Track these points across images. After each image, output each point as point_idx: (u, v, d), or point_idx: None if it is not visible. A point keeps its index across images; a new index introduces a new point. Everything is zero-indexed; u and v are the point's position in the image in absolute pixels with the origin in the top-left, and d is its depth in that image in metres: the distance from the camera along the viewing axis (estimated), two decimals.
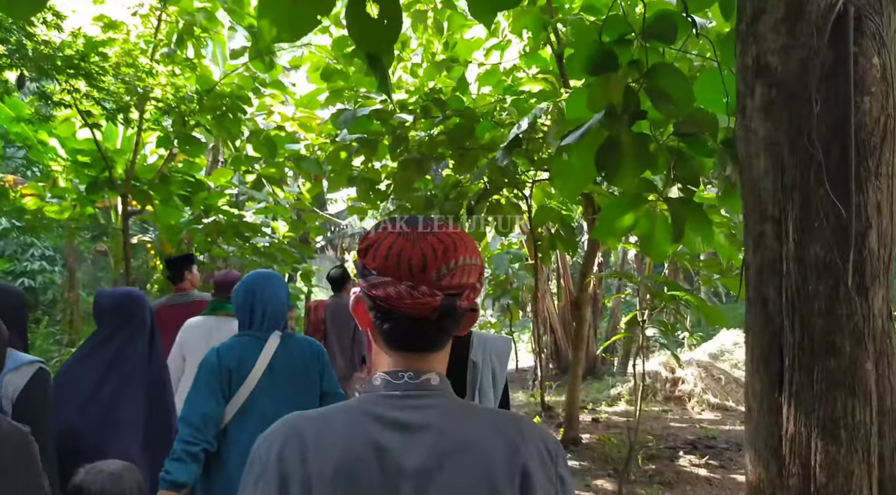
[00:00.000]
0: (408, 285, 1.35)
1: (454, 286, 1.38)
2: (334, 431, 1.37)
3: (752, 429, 3.46)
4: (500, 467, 1.35)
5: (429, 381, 1.43)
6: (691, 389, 13.60)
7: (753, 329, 3.42)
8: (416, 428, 1.37)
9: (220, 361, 3.37)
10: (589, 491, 7.51)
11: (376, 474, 1.33)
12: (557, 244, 10.86)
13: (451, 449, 1.35)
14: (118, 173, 8.31)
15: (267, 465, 1.35)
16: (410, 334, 1.41)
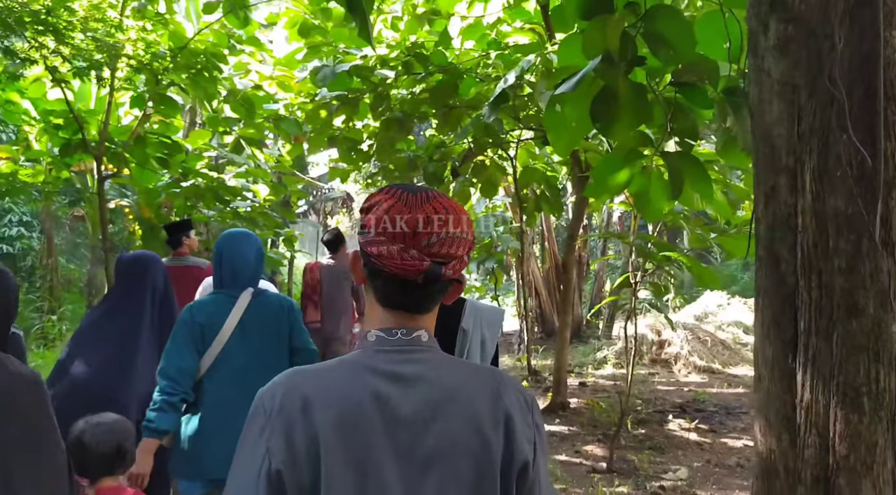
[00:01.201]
0: (399, 247, 1.46)
1: (442, 254, 1.49)
2: (335, 382, 1.46)
3: (762, 398, 3.22)
4: (486, 414, 1.48)
5: (419, 338, 1.54)
6: (677, 352, 13.47)
7: (764, 290, 3.18)
8: (410, 380, 1.47)
9: (193, 318, 3.54)
10: (579, 456, 7.33)
11: (377, 420, 1.42)
12: (543, 206, 10.67)
13: (442, 398, 1.47)
14: (92, 135, 7.96)
15: (271, 416, 1.42)
16: (398, 293, 1.52)
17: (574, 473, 6.71)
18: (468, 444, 1.45)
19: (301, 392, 1.44)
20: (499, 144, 9.57)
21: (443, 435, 1.44)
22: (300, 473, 1.38)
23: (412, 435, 1.43)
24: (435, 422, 1.45)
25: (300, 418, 1.40)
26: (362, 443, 1.41)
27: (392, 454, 1.42)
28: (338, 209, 25.41)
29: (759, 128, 3.16)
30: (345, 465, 1.39)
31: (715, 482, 6.51)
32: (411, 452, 1.43)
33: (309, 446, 1.39)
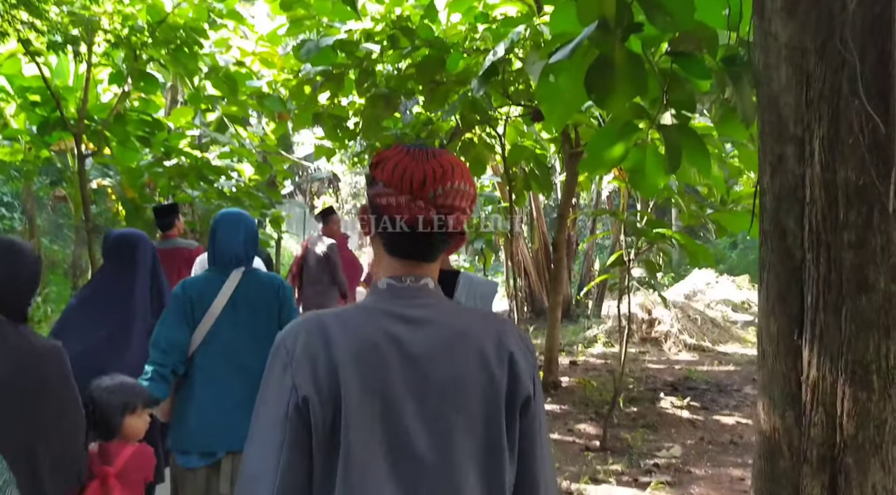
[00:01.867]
0: (407, 198, 1.55)
1: (447, 206, 1.57)
2: (352, 324, 1.55)
3: (766, 375, 3.12)
4: (491, 352, 1.57)
5: (426, 285, 1.63)
6: (667, 330, 13.41)
7: (770, 264, 3.07)
8: (420, 322, 1.57)
9: (185, 293, 3.62)
10: (572, 435, 7.25)
11: (391, 358, 1.51)
12: (532, 184, 10.56)
13: (451, 337, 1.57)
14: (70, 112, 7.77)
15: (294, 354, 1.50)
16: (405, 242, 1.61)
17: (567, 451, 6.63)
18: (476, 378, 1.54)
19: (322, 332, 1.52)
20: (487, 121, 9.42)
21: (452, 370, 1.53)
22: (325, 405, 1.46)
23: (424, 370, 1.52)
24: (445, 359, 1.54)
25: (322, 354, 1.49)
26: (378, 378, 1.50)
27: (406, 388, 1.51)
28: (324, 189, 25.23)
29: (765, 95, 3.03)
30: (362, 398, 1.48)
31: (709, 459, 6.44)
32: (424, 386, 1.52)
33: (331, 381, 1.47)
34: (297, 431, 1.47)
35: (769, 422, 3.07)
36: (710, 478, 5.96)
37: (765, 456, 3.11)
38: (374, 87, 8.31)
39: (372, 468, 1.47)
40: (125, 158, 8.74)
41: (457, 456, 1.51)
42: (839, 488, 2.71)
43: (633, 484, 5.77)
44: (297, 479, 1.47)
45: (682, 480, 5.89)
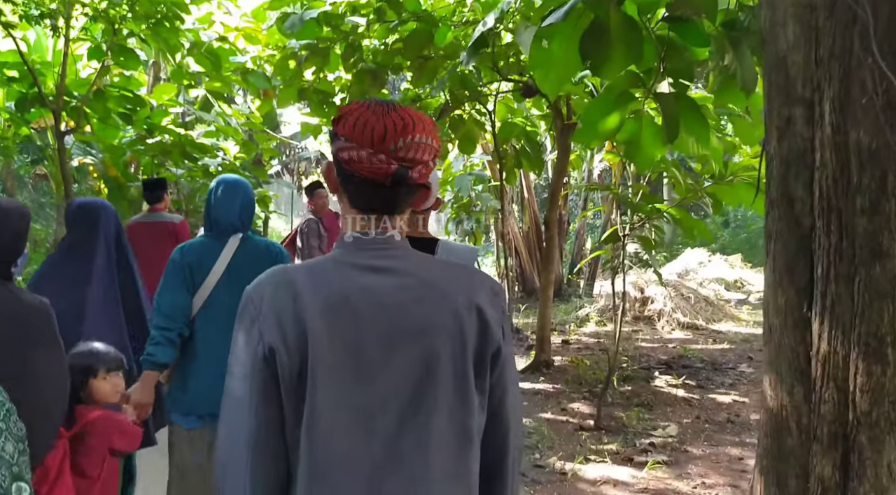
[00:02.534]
0: (368, 152, 1.54)
1: (408, 159, 1.56)
2: (320, 276, 1.57)
3: (773, 349, 2.98)
4: (461, 301, 1.58)
5: (392, 238, 1.64)
6: (661, 309, 13.30)
7: (777, 233, 2.92)
8: (389, 272, 1.58)
9: (183, 258, 3.63)
10: (565, 414, 7.12)
11: (360, 307, 1.53)
12: (523, 162, 10.41)
13: (420, 286, 1.58)
14: (49, 88, 7.57)
15: (261, 307, 1.52)
16: (369, 196, 1.62)
17: (561, 431, 6.51)
18: (446, 327, 1.55)
19: (289, 284, 1.54)
20: (476, 98, 9.25)
21: (422, 318, 1.54)
22: (291, 356, 1.48)
23: (393, 318, 1.53)
24: (415, 307, 1.55)
25: (290, 306, 1.50)
26: (347, 327, 1.51)
27: (374, 335, 1.52)
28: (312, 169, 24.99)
29: (772, 54, 2.89)
30: (330, 348, 1.49)
31: (706, 438, 6.32)
32: (393, 334, 1.53)
33: (298, 331, 1.49)
34: (265, 382, 1.49)
35: (776, 399, 2.94)
36: (708, 458, 5.84)
37: (771, 434, 2.98)
38: (360, 62, 8.12)
39: (338, 416, 1.50)
40: (106, 136, 8.56)
41: (425, 403, 1.53)
42: (852, 467, 2.57)
43: (629, 464, 5.65)
44: (270, 429, 1.51)
45: (679, 459, 5.77)
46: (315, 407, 1.48)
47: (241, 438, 1.50)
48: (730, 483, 5.28)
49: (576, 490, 5.14)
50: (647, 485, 5.22)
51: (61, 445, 2.92)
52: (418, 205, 1.75)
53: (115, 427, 3.19)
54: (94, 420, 3.10)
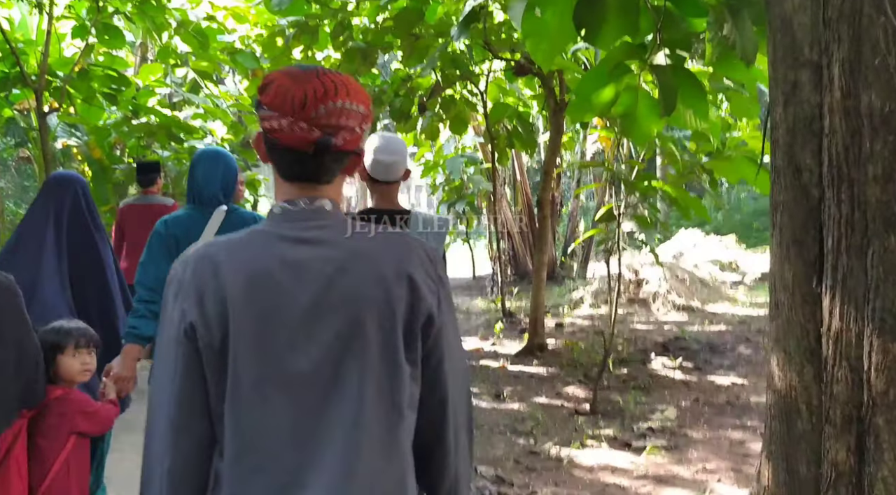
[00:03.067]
0: (289, 120, 1.52)
1: (331, 125, 1.53)
2: (243, 249, 1.55)
3: (780, 327, 2.84)
4: (390, 270, 1.55)
5: (322, 207, 1.60)
6: (655, 290, 13.16)
7: (783, 205, 2.78)
8: (315, 243, 1.55)
9: (168, 230, 3.59)
10: (560, 398, 6.99)
11: (283, 281, 1.50)
12: (515, 143, 10.29)
13: (347, 258, 1.54)
14: (31, 67, 7.38)
15: (183, 282, 1.51)
16: (293, 165, 1.59)
17: (556, 416, 6.37)
18: (372, 296, 1.52)
19: (212, 259, 1.52)
20: (468, 77, 9.10)
21: (347, 289, 1.51)
22: (211, 331, 1.47)
23: (317, 291, 1.50)
24: (340, 278, 1.51)
25: (211, 282, 1.49)
26: (268, 301, 1.49)
27: (298, 309, 1.49)
28: None
29: (777, 17, 2.74)
30: (252, 322, 1.47)
31: (706, 422, 6.19)
32: (316, 307, 1.50)
33: (219, 308, 1.47)
34: (187, 356, 1.49)
35: (784, 379, 2.80)
36: (708, 442, 5.71)
37: (779, 416, 2.84)
38: (349, 40, 7.98)
39: (260, 390, 1.48)
40: (90, 116, 8.38)
41: (351, 374, 1.50)
42: (867, 450, 2.44)
43: (627, 449, 5.51)
44: (191, 403, 1.50)
45: (679, 444, 5.64)
46: (237, 382, 1.47)
47: (163, 409, 1.51)
48: (732, 467, 5.15)
49: (572, 477, 5.00)
50: (645, 471, 5.09)
51: (18, 425, 2.84)
52: (350, 172, 1.69)
53: (78, 407, 3.08)
54: (55, 399, 3.01)
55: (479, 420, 6.20)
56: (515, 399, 6.95)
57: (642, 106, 4.44)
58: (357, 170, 3.48)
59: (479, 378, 7.80)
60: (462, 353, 1.73)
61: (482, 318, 11.71)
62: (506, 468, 5.09)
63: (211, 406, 1.50)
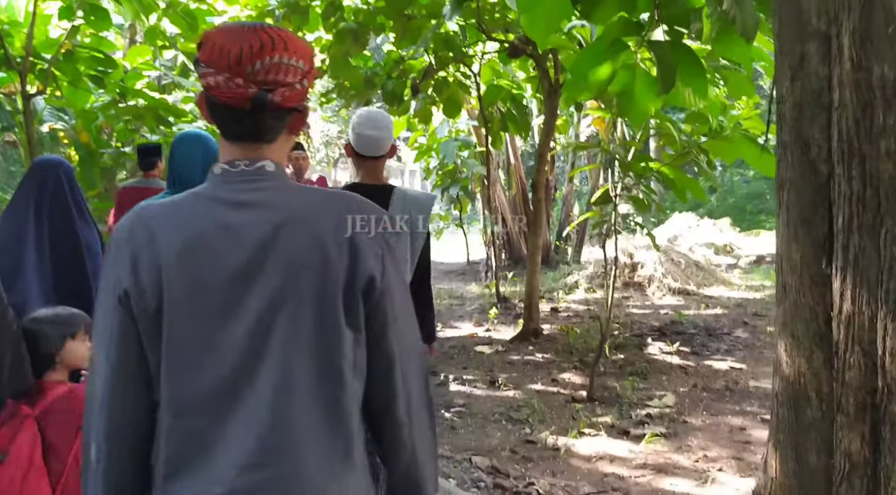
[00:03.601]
0: (226, 76, 1.47)
1: (269, 81, 1.49)
2: (179, 213, 1.52)
3: (787, 311, 2.72)
4: (329, 232, 1.50)
5: (264, 168, 1.55)
6: (651, 274, 13.07)
7: (790, 182, 2.66)
8: (253, 206, 1.50)
9: None
10: (556, 385, 6.88)
11: (218, 246, 1.47)
12: (509, 126, 10.13)
13: (285, 220, 1.49)
14: (17, 49, 7.20)
15: (120, 247, 1.50)
16: (231, 123, 1.54)
17: (552, 403, 6.26)
18: (309, 260, 1.48)
19: (147, 224, 1.50)
20: (461, 59, 8.95)
21: (283, 253, 1.47)
22: (146, 298, 1.45)
23: (251, 255, 1.46)
24: (276, 242, 1.47)
25: (146, 248, 1.47)
26: (203, 267, 1.46)
27: (232, 275, 1.46)
28: None
29: None
30: (186, 288, 1.45)
31: (705, 408, 6.07)
32: (250, 271, 1.46)
33: (153, 275, 1.45)
34: (123, 323, 1.47)
35: (792, 365, 2.68)
36: (708, 429, 5.60)
37: (787, 403, 2.73)
38: (341, 21, 7.83)
39: (194, 357, 1.46)
40: (77, 99, 8.18)
41: (285, 339, 1.46)
42: (883, 441, 2.32)
43: (626, 437, 5.39)
44: (127, 369, 1.49)
45: (678, 431, 5.53)
46: (171, 348, 1.46)
47: (102, 375, 1.50)
48: (733, 455, 5.04)
49: (570, 466, 4.88)
50: (645, 460, 4.97)
51: (28, 427, 2.74)
52: (295, 131, 1.63)
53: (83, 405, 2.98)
54: (62, 396, 2.89)
55: (474, 408, 6.10)
56: (510, 386, 6.82)
57: (640, 84, 4.32)
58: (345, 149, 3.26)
59: (474, 364, 7.70)
60: (413, 325, 1.67)
61: (476, 303, 11.59)
62: (501, 458, 4.97)
63: (150, 372, 1.49)
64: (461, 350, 8.31)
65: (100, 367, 1.50)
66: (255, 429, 1.44)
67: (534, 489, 4.40)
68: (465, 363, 7.78)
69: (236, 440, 1.44)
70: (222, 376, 1.45)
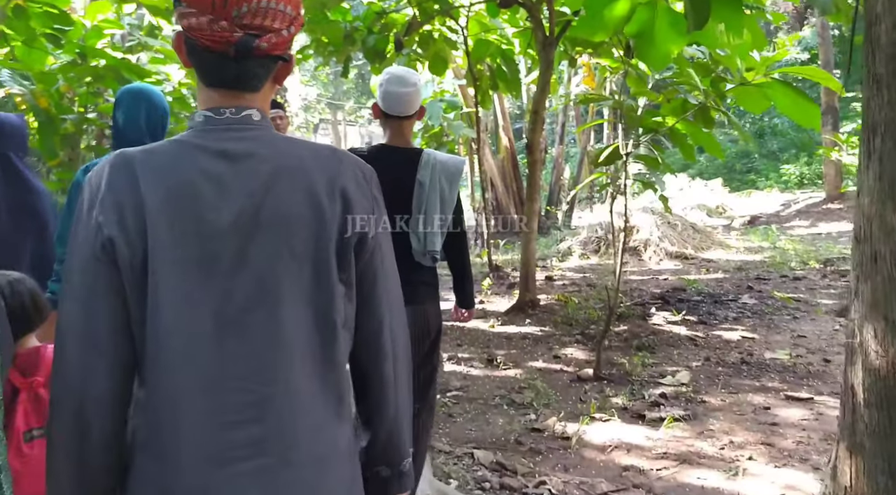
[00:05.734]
0: (209, 18, 1.39)
1: (255, 26, 1.41)
2: (163, 161, 1.43)
3: (876, 287, 2.16)
4: (321, 186, 1.44)
5: (250, 117, 1.48)
6: (647, 238, 12.58)
7: (885, 126, 2.10)
8: (240, 156, 1.43)
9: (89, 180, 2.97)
10: (559, 362, 6.34)
11: (206, 195, 1.39)
12: (499, 84, 9.55)
13: (274, 172, 1.43)
14: None
15: (99, 193, 1.40)
16: (214, 68, 1.46)
17: (556, 383, 5.72)
18: (301, 214, 1.42)
19: (129, 170, 1.41)
20: (446, 12, 8.34)
21: (274, 206, 1.41)
22: (132, 246, 1.37)
23: (242, 207, 1.40)
24: (266, 194, 1.41)
25: (129, 194, 1.38)
26: (190, 217, 1.39)
27: (222, 226, 1.39)
28: None
29: None
30: (173, 237, 1.37)
31: (723, 385, 5.54)
32: (242, 223, 1.39)
33: (137, 222, 1.37)
34: (106, 273, 1.37)
35: (885, 356, 2.14)
36: (729, 409, 5.06)
37: (877, 403, 2.19)
38: None
39: (181, 312, 1.37)
40: (33, 61, 7.57)
41: (277, 292, 1.40)
42: None
43: (641, 422, 4.83)
44: (112, 324, 1.38)
45: (697, 412, 4.99)
46: (156, 304, 1.37)
47: (76, 333, 1.38)
48: (762, 440, 4.51)
49: (583, 459, 4.32)
50: (665, 448, 4.43)
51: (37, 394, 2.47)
52: (280, 80, 1.55)
53: None
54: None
55: (472, 391, 5.57)
56: (510, 364, 6.28)
57: (661, 22, 3.74)
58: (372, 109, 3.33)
59: (468, 340, 7.18)
60: (398, 282, 1.60)
61: None
62: (507, 451, 4.42)
63: (133, 326, 1.39)
64: (454, 325, 7.74)
65: (76, 326, 1.38)
66: (247, 385, 1.38)
67: (545, 489, 3.85)
68: (460, 339, 7.24)
69: (227, 388, 1.37)
70: (212, 335, 1.37)
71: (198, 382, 1.37)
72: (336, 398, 1.46)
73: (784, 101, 4.33)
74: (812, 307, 7.98)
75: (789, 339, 6.80)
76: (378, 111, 3.30)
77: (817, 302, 8.24)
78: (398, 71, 3.28)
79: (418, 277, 3.29)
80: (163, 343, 1.37)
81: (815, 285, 9.27)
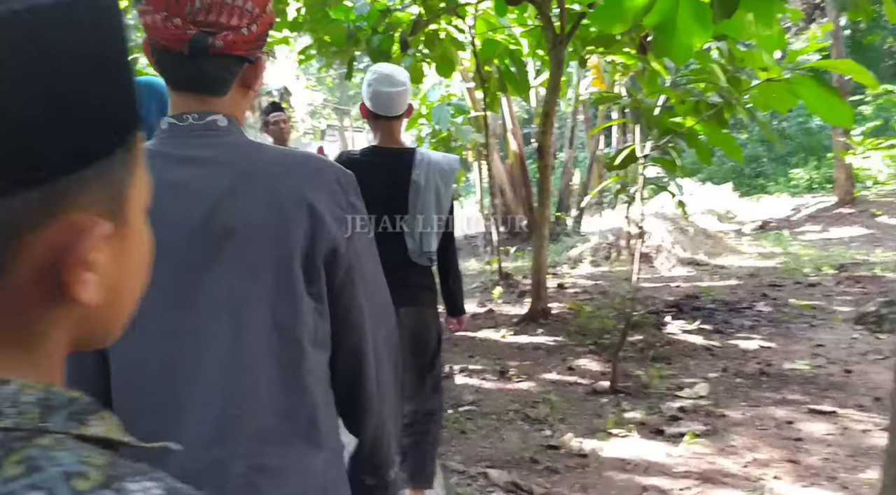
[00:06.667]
0: (163, 15, 1.33)
1: (209, 23, 1.34)
2: None
3: None
4: (289, 193, 1.39)
5: (215, 122, 1.43)
6: (658, 244, 12.32)
7: None
8: (203, 162, 1.39)
9: None
10: (573, 374, 6.09)
11: (163, 204, 1.21)
12: (508, 86, 9.32)
13: (238, 177, 1.38)
14: None
15: None
16: (171, 69, 1.40)
17: (571, 396, 5.46)
18: (266, 222, 1.36)
19: None
20: (453, 10, 8.11)
21: (237, 214, 1.35)
22: None
23: (202, 214, 1.34)
24: (228, 200, 1.35)
25: None
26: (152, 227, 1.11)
27: (183, 235, 1.33)
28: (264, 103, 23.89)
29: None
30: None
31: (743, 398, 5.27)
32: (203, 231, 1.34)
33: None
34: None
35: None
36: (751, 423, 4.79)
37: None
38: None
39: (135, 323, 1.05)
40: None
41: (236, 301, 1.33)
42: None
43: (660, 437, 4.59)
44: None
45: (717, 427, 4.72)
46: None
47: None
48: (787, 457, 4.26)
49: (601, 478, 4.07)
50: (687, 466, 4.18)
51: None
52: (249, 84, 1.46)
53: None
54: None
55: (485, 406, 5.33)
56: (523, 376, 6.03)
57: (683, 13, 3.50)
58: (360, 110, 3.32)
59: (480, 351, 6.95)
60: (382, 287, 1.56)
61: (477, 281, 10.85)
62: (522, 469, 4.19)
63: None
64: (465, 334, 7.51)
65: None
66: (207, 399, 1.32)
67: None
68: (471, 350, 7.01)
69: (187, 410, 1.31)
70: (167, 348, 1.32)
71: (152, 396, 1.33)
72: (306, 418, 1.39)
73: (813, 97, 4.06)
74: (829, 314, 7.70)
75: (808, 349, 6.53)
76: (366, 112, 3.24)
77: (833, 309, 7.96)
78: (385, 69, 3.22)
79: (415, 280, 3.19)
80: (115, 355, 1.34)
81: (831, 292, 8.99)
